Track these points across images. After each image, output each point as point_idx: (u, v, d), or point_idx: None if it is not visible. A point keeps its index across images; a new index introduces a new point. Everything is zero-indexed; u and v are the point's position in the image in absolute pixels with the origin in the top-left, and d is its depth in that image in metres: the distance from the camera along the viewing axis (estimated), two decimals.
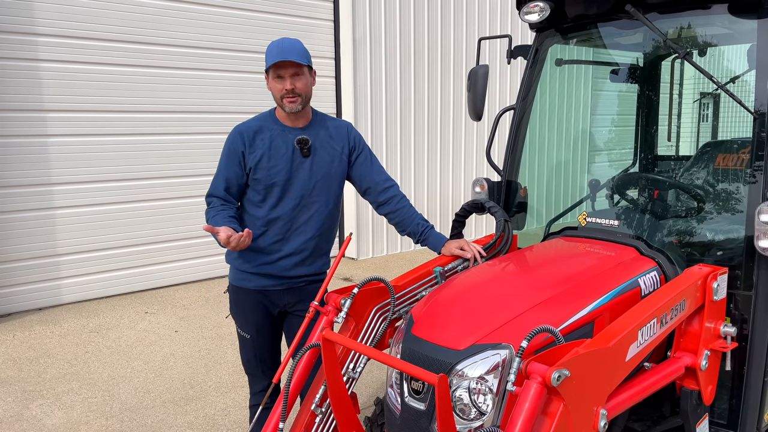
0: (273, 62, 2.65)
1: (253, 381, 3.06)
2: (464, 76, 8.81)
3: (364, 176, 2.97)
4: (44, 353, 5.02)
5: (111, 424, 3.94)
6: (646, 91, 4.03)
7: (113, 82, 6.26)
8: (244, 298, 2.91)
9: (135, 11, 6.32)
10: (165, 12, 6.52)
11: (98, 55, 6.15)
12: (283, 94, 2.70)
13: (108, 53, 6.20)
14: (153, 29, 6.45)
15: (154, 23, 6.45)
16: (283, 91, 2.69)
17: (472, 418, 1.95)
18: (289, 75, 2.67)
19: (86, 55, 6.08)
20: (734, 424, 2.60)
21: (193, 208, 6.65)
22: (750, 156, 2.56)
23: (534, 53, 3.33)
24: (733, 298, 2.56)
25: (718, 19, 2.84)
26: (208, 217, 2.79)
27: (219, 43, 6.90)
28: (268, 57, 2.70)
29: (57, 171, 6.05)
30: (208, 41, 6.83)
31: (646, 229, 2.93)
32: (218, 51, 6.90)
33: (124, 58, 6.30)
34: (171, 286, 6.84)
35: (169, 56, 6.58)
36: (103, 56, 6.17)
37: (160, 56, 6.52)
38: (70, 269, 6.21)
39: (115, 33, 6.22)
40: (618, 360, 1.95)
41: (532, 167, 3.57)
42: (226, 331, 5.44)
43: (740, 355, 2.54)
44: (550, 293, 2.26)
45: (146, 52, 6.43)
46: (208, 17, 6.81)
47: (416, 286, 2.72)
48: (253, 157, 2.75)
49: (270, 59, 2.67)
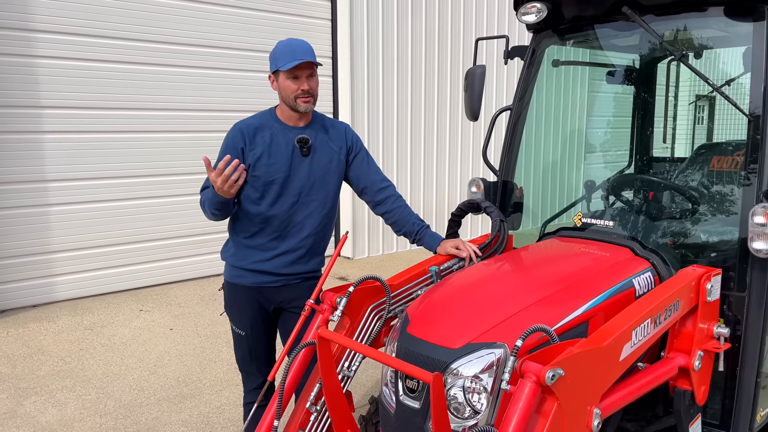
0: (292, 64, 2.66)
1: (247, 379, 3.06)
2: (461, 77, 8.82)
3: (361, 176, 2.99)
4: (38, 350, 5.01)
5: (105, 422, 3.93)
6: (642, 93, 4.05)
7: (109, 78, 6.24)
8: (239, 295, 2.92)
9: (132, 8, 6.30)
10: (161, 9, 6.50)
11: (94, 52, 6.13)
12: (297, 94, 2.72)
13: (104, 50, 6.18)
14: (149, 26, 6.43)
15: (151, 20, 6.43)
16: (298, 91, 2.71)
17: (466, 417, 1.95)
18: (306, 76, 2.71)
19: (82, 52, 6.06)
20: (727, 425, 2.61)
21: (190, 206, 6.63)
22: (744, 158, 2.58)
23: (531, 54, 3.34)
24: (727, 300, 2.58)
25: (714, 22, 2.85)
26: (201, 201, 2.80)
27: (214, 40, 6.88)
28: (280, 57, 2.70)
29: (52, 168, 6.02)
30: (203, 39, 6.81)
31: (641, 230, 2.94)
32: (214, 49, 6.88)
33: (121, 54, 6.28)
34: (166, 283, 6.83)
35: (165, 54, 6.56)
36: (99, 53, 6.15)
37: (156, 54, 6.51)
38: (64, 266, 6.19)
39: (111, 30, 6.20)
40: (612, 360, 1.96)
41: (528, 168, 3.59)
42: (221, 329, 5.44)
43: (733, 356, 2.55)
44: (545, 293, 2.27)
45: (142, 50, 6.41)
46: (204, 15, 6.79)
47: (412, 285, 2.73)
48: (253, 154, 2.76)
49: (285, 60, 2.68)
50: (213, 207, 2.72)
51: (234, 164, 2.56)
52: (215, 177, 2.56)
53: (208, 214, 2.80)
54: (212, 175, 2.56)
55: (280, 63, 2.70)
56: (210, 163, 2.58)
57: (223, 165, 2.54)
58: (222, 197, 2.64)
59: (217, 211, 2.75)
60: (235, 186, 2.61)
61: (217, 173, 2.55)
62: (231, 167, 2.56)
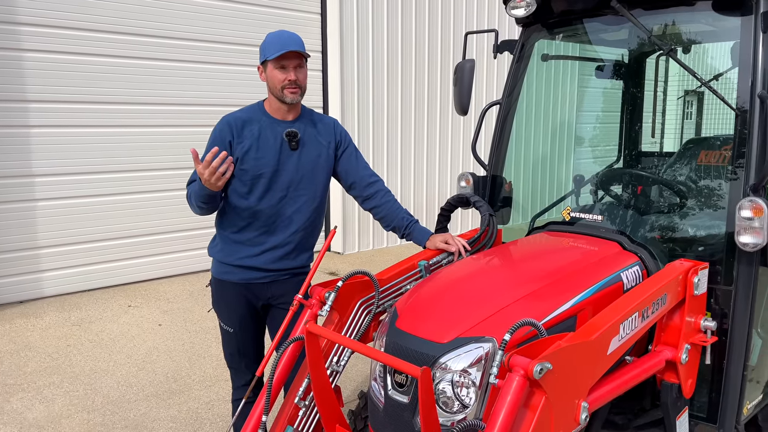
0: (280, 53, 2.64)
1: (235, 375, 3.05)
2: (451, 71, 8.81)
3: (350, 171, 2.98)
4: (25, 346, 4.96)
5: (93, 418, 3.91)
6: (631, 88, 4.06)
7: (95, 72, 6.18)
8: (227, 292, 2.90)
9: (120, 1, 6.24)
10: (150, 2, 6.44)
11: (80, 46, 6.06)
12: (285, 85, 2.70)
13: (91, 43, 6.12)
14: (138, 20, 6.37)
15: (140, 14, 6.38)
16: (285, 82, 2.69)
17: (455, 411, 1.95)
18: (293, 66, 2.70)
19: (68, 45, 6.00)
20: (713, 418, 2.63)
21: (177, 201, 6.58)
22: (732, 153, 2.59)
23: (520, 48, 3.33)
24: (714, 293, 2.59)
25: (702, 17, 2.86)
26: (188, 194, 2.77)
27: (203, 34, 6.83)
28: (269, 47, 2.69)
29: (38, 162, 5.97)
30: (193, 33, 6.76)
31: (629, 224, 2.95)
32: (203, 42, 6.83)
33: (108, 48, 6.22)
34: (155, 279, 6.79)
35: (152, 47, 6.51)
36: (86, 46, 6.09)
37: (145, 47, 6.45)
38: (51, 262, 6.14)
39: (98, 23, 6.14)
40: (600, 353, 1.96)
41: (517, 162, 3.59)
42: (210, 324, 5.41)
43: (720, 349, 2.57)
44: (534, 287, 2.27)
45: (131, 43, 6.36)
46: (193, 8, 6.74)
47: (401, 280, 2.72)
48: (241, 147, 2.74)
49: (274, 49, 2.66)
50: (200, 200, 2.70)
51: (222, 156, 2.55)
52: (203, 169, 2.54)
53: (195, 208, 2.78)
54: (200, 167, 2.55)
55: (268, 53, 2.69)
56: (198, 155, 2.57)
57: (210, 157, 2.53)
58: (209, 190, 2.62)
59: (204, 204, 2.72)
60: (222, 178, 2.60)
61: (205, 165, 2.53)
62: (219, 159, 2.54)
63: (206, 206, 2.75)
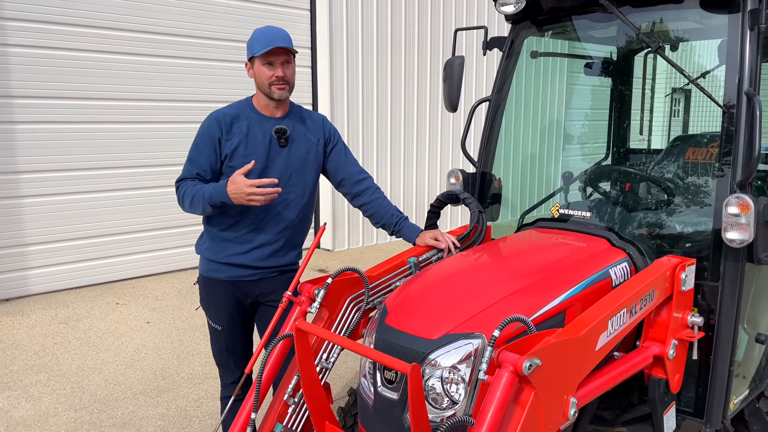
0: (266, 49, 2.62)
1: (224, 373, 3.03)
2: (440, 68, 8.81)
3: (339, 168, 2.97)
4: (11, 344, 4.92)
5: (80, 416, 3.88)
6: (619, 85, 4.08)
7: (81, 68, 6.12)
8: (215, 289, 2.88)
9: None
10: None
11: (67, 41, 6.00)
12: (272, 81, 2.68)
13: (76, 39, 6.05)
14: (124, 15, 6.32)
15: (125, 9, 6.32)
16: (272, 78, 2.67)
17: (444, 407, 1.96)
18: (280, 62, 2.68)
19: (54, 41, 5.94)
20: (700, 412, 2.65)
21: (165, 198, 6.55)
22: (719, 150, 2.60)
23: (509, 45, 3.34)
24: (701, 289, 2.61)
25: (690, 14, 2.87)
26: (184, 193, 2.71)
27: (192, 30, 6.78)
28: (256, 43, 2.67)
29: (24, 159, 5.90)
30: (181, 28, 6.71)
31: (618, 221, 2.96)
32: (191, 39, 6.79)
33: (93, 44, 6.16)
34: (143, 276, 6.75)
35: (140, 43, 6.46)
36: (70, 42, 6.03)
37: (130, 43, 6.39)
38: (38, 259, 6.08)
39: (84, 18, 6.07)
40: (588, 349, 1.97)
41: (506, 159, 3.60)
42: (198, 322, 5.39)
43: (707, 345, 2.59)
44: (523, 283, 2.28)
45: (116, 39, 6.30)
46: (182, 4, 6.69)
47: (390, 277, 2.72)
48: (230, 144, 2.72)
49: (260, 45, 2.64)
50: (209, 205, 2.65)
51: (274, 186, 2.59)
52: (249, 188, 2.53)
53: (196, 209, 2.72)
54: (247, 186, 2.53)
55: (255, 49, 2.67)
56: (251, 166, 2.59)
57: (266, 182, 2.55)
58: (230, 200, 2.59)
59: (211, 209, 2.69)
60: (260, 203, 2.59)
61: (253, 185, 2.53)
62: (273, 190, 2.57)
63: (214, 211, 2.71)
